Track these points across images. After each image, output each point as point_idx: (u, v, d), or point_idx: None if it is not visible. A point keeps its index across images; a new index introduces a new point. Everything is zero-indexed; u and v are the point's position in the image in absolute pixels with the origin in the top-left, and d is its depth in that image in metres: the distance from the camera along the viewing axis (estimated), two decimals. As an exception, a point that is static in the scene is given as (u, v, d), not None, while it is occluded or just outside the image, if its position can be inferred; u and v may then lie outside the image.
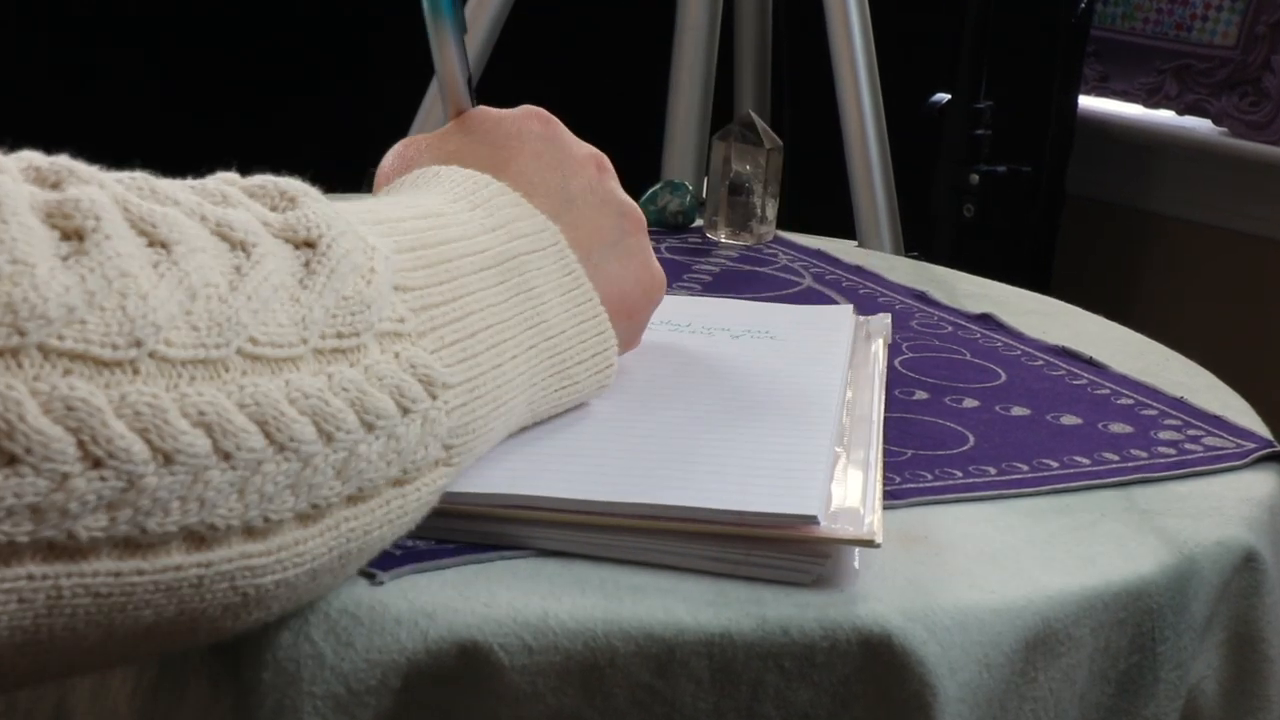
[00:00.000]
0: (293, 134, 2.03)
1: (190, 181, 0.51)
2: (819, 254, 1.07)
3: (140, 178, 0.49)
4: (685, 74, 1.65)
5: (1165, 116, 2.33)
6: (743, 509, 0.57)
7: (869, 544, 0.56)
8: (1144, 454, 0.73)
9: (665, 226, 1.10)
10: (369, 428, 0.50)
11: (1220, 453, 0.74)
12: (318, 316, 0.49)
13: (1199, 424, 0.78)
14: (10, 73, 1.95)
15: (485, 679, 0.52)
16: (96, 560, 0.43)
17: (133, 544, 0.43)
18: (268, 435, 0.46)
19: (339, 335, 0.50)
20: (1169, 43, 2.32)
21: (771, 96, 1.88)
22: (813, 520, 0.56)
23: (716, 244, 1.07)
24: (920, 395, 0.80)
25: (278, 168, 0.54)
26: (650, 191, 1.10)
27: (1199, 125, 2.30)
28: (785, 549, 0.56)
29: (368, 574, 0.54)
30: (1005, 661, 0.56)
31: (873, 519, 0.58)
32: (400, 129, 1.75)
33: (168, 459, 0.43)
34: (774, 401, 0.71)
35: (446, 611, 0.52)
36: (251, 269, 0.48)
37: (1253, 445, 0.75)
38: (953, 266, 1.10)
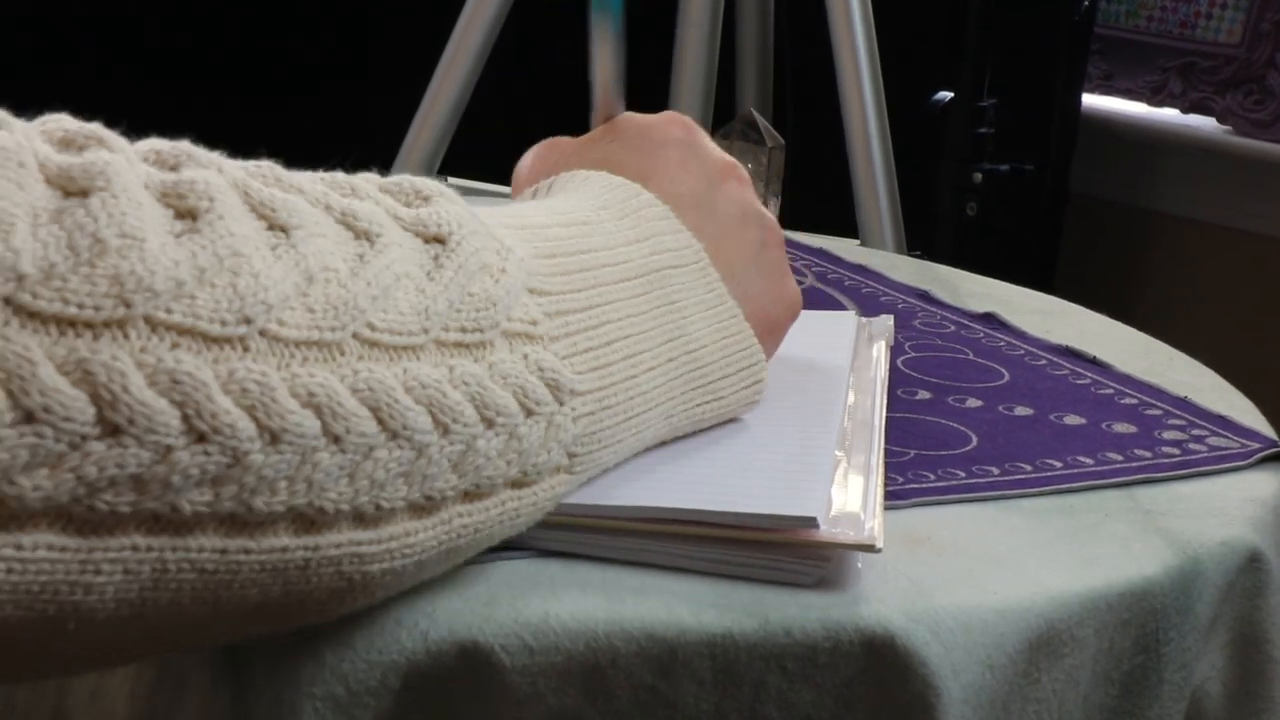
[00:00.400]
0: (292, 128, 2.03)
1: (321, 174, 0.51)
2: (821, 253, 1.07)
3: (266, 166, 0.49)
4: (686, 71, 1.65)
5: (1169, 115, 2.33)
6: (742, 511, 0.57)
7: (870, 549, 0.56)
8: (1148, 454, 0.73)
9: (666, 225, 1.10)
10: (489, 423, 0.50)
11: (1225, 453, 0.74)
12: (441, 308, 0.49)
13: (1203, 424, 0.78)
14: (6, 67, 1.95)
15: (486, 680, 0.52)
16: (203, 536, 0.43)
17: (239, 522, 0.44)
18: (380, 421, 0.46)
19: (463, 330, 0.50)
20: (1173, 40, 2.32)
21: (774, 94, 1.88)
22: (812, 523, 0.56)
23: (718, 243, 1.07)
24: (923, 395, 0.80)
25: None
26: (651, 190, 1.10)
27: (1203, 123, 2.30)
28: (786, 552, 0.56)
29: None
30: (1008, 663, 0.56)
31: (874, 524, 0.58)
32: (400, 123, 1.75)
33: (274, 437, 0.43)
34: (775, 405, 0.71)
35: (447, 612, 0.52)
36: (375, 257, 0.48)
37: (1257, 445, 0.75)
38: (955, 265, 1.10)
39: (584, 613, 0.53)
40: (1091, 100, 2.32)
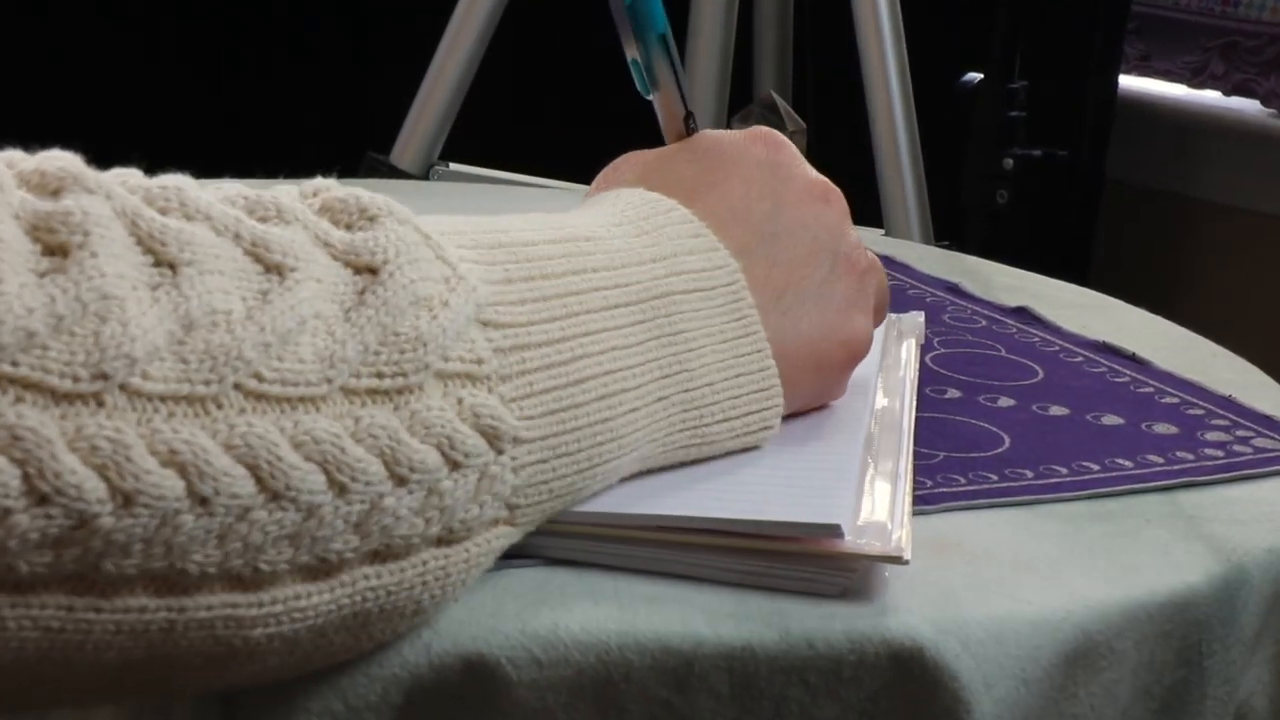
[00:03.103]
0: (290, 119, 2.03)
1: (247, 190, 0.50)
2: (844, 243, 1.07)
3: (174, 187, 0.47)
4: (702, 52, 1.65)
5: (1211, 97, 2.33)
6: (764, 519, 0.57)
7: (897, 560, 0.56)
8: (1190, 456, 0.73)
9: (681, 214, 1.10)
10: (400, 480, 0.48)
11: (1271, 455, 0.74)
12: (351, 354, 0.47)
13: (1248, 424, 0.78)
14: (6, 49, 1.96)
15: (492, 695, 0.52)
16: (46, 594, 0.42)
17: (86, 581, 0.42)
18: (259, 480, 0.45)
19: (379, 375, 0.48)
20: (1215, 19, 2.31)
21: (793, 76, 1.88)
22: (837, 532, 0.56)
23: (735, 233, 1.07)
24: (953, 394, 0.80)
25: (275, 149, 0.54)
26: (665, 177, 1.10)
27: (1246, 106, 2.30)
28: (809, 562, 0.56)
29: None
30: (1043, 676, 0.56)
31: (901, 534, 0.57)
32: (399, 111, 1.76)
33: (128, 499, 0.42)
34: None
35: (451, 623, 0.52)
36: (279, 295, 0.47)
37: (1306, 447, 0.75)
38: (986, 257, 1.10)
39: (595, 624, 0.53)
40: (1128, 82, 2.31)
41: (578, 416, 0.54)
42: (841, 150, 1.72)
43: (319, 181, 0.52)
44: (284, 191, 0.51)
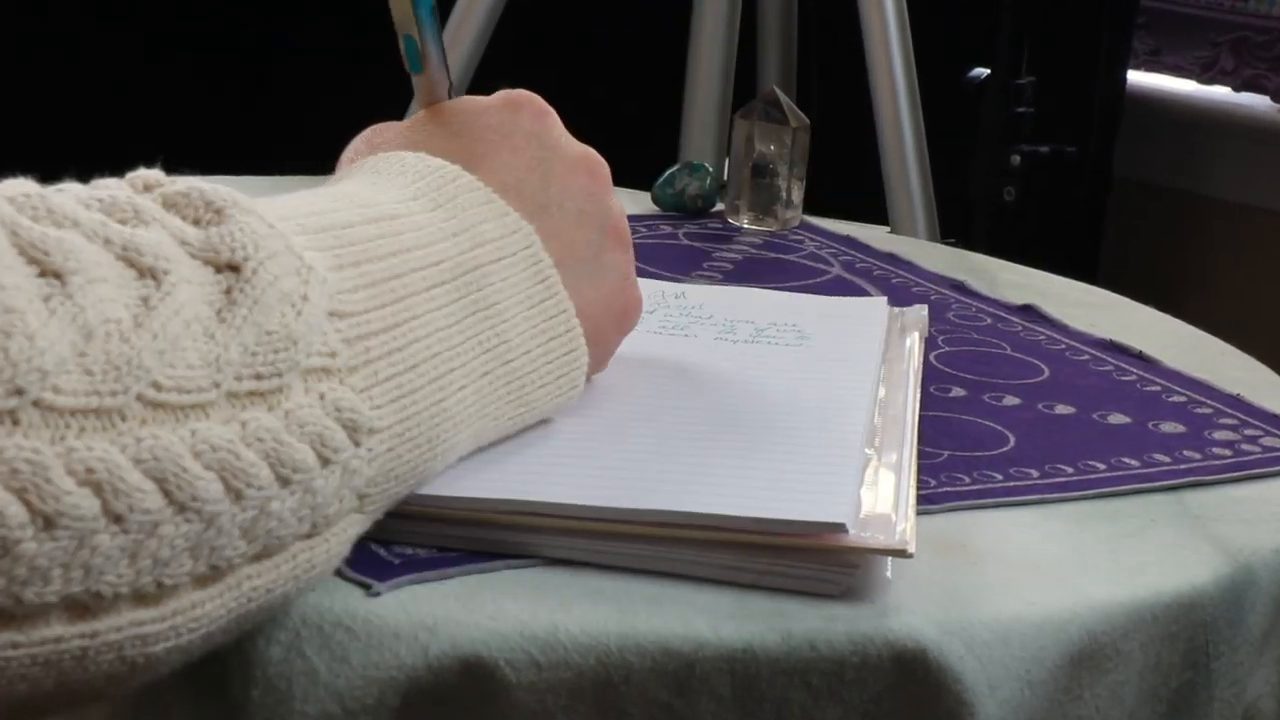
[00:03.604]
0: (289, 117, 2.03)
1: (96, 191, 0.49)
2: (848, 240, 1.07)
3: (35, 194, 0.46)
4: (705, 47, 1.65)
5: (1220, 93, 2.33)
6: (765, 516, 0.57)
7: (901, 554, 0.56)
8: (1197, 455, 0.73)
9: (683, 211, 1.10)
10: (284, 482, 0.48)
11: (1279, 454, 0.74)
12: (234, 355, 0.47)
13: (1256, 423, 0.78)
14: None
15: (490, 697, 0.52)
16: None
17: (6, 615, 0.42)
18: (167, 494, 0.44)
19: (257, 376, 0.47)
20: (1224, 13, 2.31)
21: (798, 71, 1.88)
22: (841, 528, 0.56)
23: (738, 230, 1.07)
24: (957, 392, 0.79)
25: (275, 147, 0.54)
26: (667, 174, 1.10)
27: (1257, 102, 2.30)
28: (812, 559, 0.56)
29: (363, 584, 0.54)
30: (1048, 678, 0.56)
31: (905, 526, 0.57)
32: (399, 111, 1.75)
33: (49, 522, 0.41)
34: (800, 401, 0.71)
35: (449, 624, 0.52)
36: (161, 301, 0.46)
37: (1315, 446, 0.75)
38: (992, 254, 1.10)
39: (595, 625, 0.53)
40: (1137, 77, 2.31)
41: (416, 401, 0.54)
42: (846, 146, 1.72)
43: (145, 173, 0.51)
44: (113, 187, 0.50)
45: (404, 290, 0.55)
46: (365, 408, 0.51)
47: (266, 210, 0.52)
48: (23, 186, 0.47)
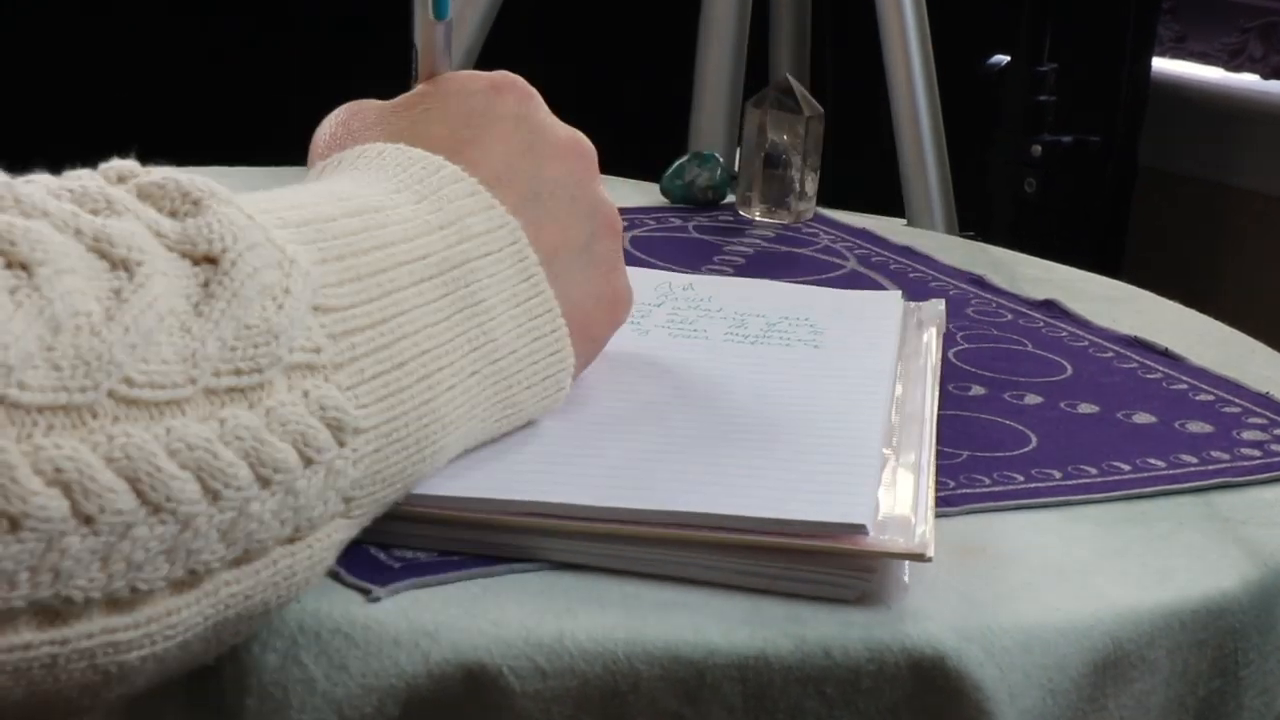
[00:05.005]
0: (288, 113, 2.03)
1: (67, 182, 0.48)
2: (864, 233, 1.07)
3: (3, 183, 0.46)
4: (716, 32, 1.65)
5: (1249, 80, 2.33)
6: (781, 517, 0.57)
7: (920, 558, 0.56)
8: (1226, 456, 0.73)
9: (693, 203, 1.10)
10: (264, 483, 0.47)
11: (1311, 454, 0.74)
12: (211, 350, 0.46)
13: (1287, 422, 0.78)
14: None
15: (493, 706, 0.52)
16: None
17: None
18: (140, 494, 0.44)
19: (237, 372, 0.47)
20: (1253, -1, 2.31)
21: (811, 59, 1.88)
22: (860, 530, 0.56)
23: (750, 222, 1.07)
24: (977, 390, 0.79)
25: (273, 143, 0.54)
26: (677, 164, 1.10)
27: (1286, 90, 2.30)
28: (827, 563, 0.56)
29: (362, 589, 0.54)
30: (1071, 686, 0.56)
31: (924, 529, 0.57)
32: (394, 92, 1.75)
33: (14, 523, 0.41)
34: (815, 398, 0.71)
35: (450, 631, 0.52)
36: (134, 293, 0.45)
37: (1347, 446, 0.75)
38: (1012, 247, 1.10)
39: (602, 631, 0.53)
40: (1163, 65, 2.31)
41: (404, 401, 0.54)
42: (862, 136, 1.72)
43: (119, 164, 0.51)
44: (85, 177, 0.49)
45: (390, 285, 0.55)
46: (351, 406, 0.51)
47: (246, 203, 0.52)
48: None
